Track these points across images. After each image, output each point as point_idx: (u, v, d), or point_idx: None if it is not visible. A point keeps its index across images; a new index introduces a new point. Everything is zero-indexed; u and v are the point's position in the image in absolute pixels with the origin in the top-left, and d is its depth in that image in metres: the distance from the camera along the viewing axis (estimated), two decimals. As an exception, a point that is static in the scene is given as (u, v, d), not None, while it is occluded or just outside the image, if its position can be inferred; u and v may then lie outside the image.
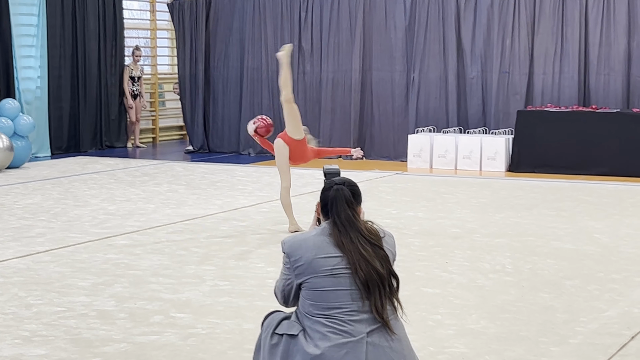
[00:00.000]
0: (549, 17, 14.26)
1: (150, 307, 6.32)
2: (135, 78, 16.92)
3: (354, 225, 3.98)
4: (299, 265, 3.97)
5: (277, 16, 15.84)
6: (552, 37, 14.28)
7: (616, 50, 13.92)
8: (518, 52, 14.44)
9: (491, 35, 14.57)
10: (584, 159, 13.33)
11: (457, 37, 14.77)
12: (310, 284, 3.94)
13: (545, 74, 14.34)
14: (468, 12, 14.69)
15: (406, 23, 15.01)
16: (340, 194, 4.04)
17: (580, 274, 7.30)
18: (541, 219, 9.74)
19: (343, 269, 3.92)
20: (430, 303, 6.44)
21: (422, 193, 11.54)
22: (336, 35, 15.44)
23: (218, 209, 10.27)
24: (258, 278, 7.11)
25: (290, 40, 15.75)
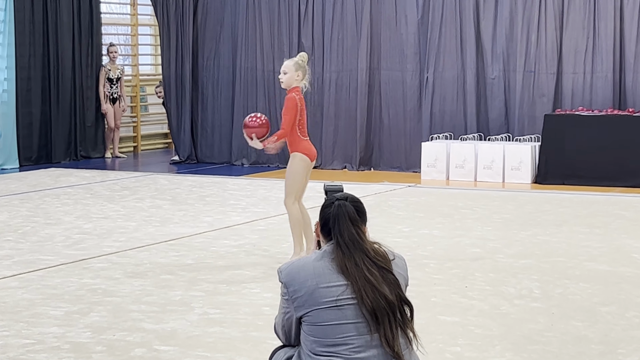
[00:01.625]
0: (580, 9, 14.28)
1: (131, 338, 6.27)
2: (114, 79, 16.91)
3: (359, 246, 3.96)
4: (298, 296, 3.93)
5: (273, 9, 15.86)
6: (583, 32, 14.30)
7: (656, 46, 13.96)
8: (545, 49, 14.46)
9: (514, 31, 14.60)
10: (620, 169, 13.34)
11: (476, 32, 14.80)
12: (312, 317, 3.90)
13: (575, 73, 14.35)
14: (488, 5, 14.71)
15: (419, 17, 15.04)
16: (342, 211, 4.01)
17: (617, 299, 7.27)
18: (572, 236, 9.72)
19: (348, 299, 3.88)
20: (448, 333, 6.40)
21: (438, 208, 11.52)
22: (340, 31, 15.45)
23: (208, 227, 10.24)
24: (253, 306, 7.07)
25: (289, 36, 15.77)
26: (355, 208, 4.05)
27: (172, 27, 16.44)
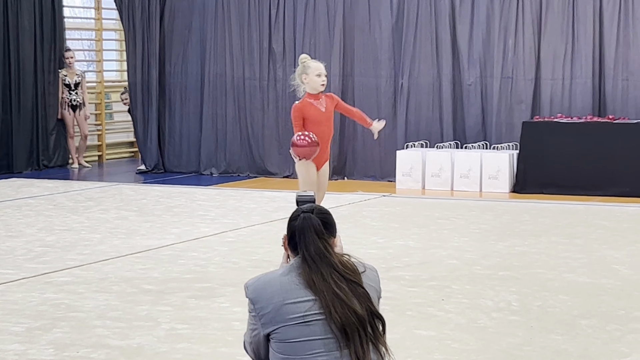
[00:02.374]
0: (558, 13, 14.37)
1: (96, 355, 6.25)
2: (72, 85, 16.81)
3: (326, 259, 3.95)
4: (265, 313, 3.93)
5: (243, 14, 15.86)
6: (561, 37, 14.38)
7: (636, 52, 14.05)
8: (522, 55, 14.53)
9: (491, 36, 14.66)
10: (601, 178, 13.41)
11: (452, 37, 14.85)
12: (280, 334, 3.90)
13: (554, 79, 14.43)
14: (465, 9, 14.77)
15: (393, 21, 15.08)
16: (308, 224, 4.01)
17: (597, 312, 7.30)
18: (551, 247, 9.76)
19: (316, 314, 3.88)
20: (424, 347, 6.41)
21: (414, 218, 11.54)
22: (312, 36, 15.47)
23: (175, 239, 10.21)
24: (223, 320, 7.06)
25: (259, 41, 15.77)
26: (322, 220, 4.05)
27: (138, 32, 16.40)
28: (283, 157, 15.73)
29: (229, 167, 16.01)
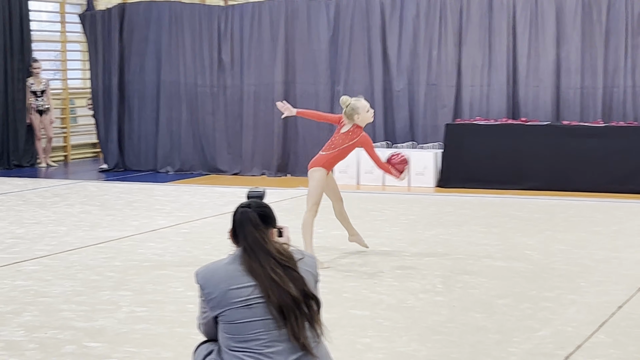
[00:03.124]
0: (476, 27, 14.46)
1: (62, 336, 6.21)
2: (38, 92, 16.63)
3: (262, 248, 3.96)
4: (212, 297, 3.95)
5: (195, 27, 15.78)
6: (479, 48, 14.47)
7: (545, 61, 14.16)
8: (445, 64, 14.60)
9: (417, 47, 14.72)
10: (515, 174, 13.51)
11: (383, 48, 14.89)
12: (226, 316, 3.92)
13: (473, 86, 14.52)
14: (393, 23, 14.82)
15: (330, 34, 15.09)
16: (245, 217, 4.03)
17: (512, 293, 7.37)
18: (472, 235, 9.84)
19: (257, 298, 3.90)
20: (358, 326, 6.44)
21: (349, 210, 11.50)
22: (257, 47, 15.44)
23: (135, 231, 10.15)
24: (178, 303, 7.04)
25: (210, 52, 15.71)
26: (260, 213, 4.05)
27: (100, 43, 16.26)
28: (232, 156, 15.70)
29: (183, 165, 15.93)
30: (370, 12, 14.88)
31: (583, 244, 9.34)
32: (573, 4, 14.04)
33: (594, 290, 7.45)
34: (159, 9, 16.03)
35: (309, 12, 15.19)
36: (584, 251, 8.97)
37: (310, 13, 15.19)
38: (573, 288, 7.51)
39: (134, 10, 16.21)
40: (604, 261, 8.52)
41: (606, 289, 7.47)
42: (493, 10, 14.38)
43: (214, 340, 4.06)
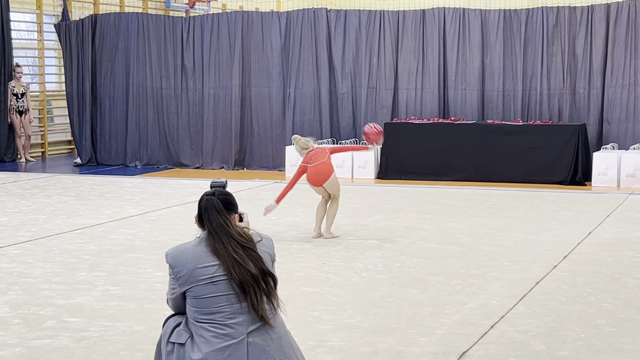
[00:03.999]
0: (411, 37, 14.55)
1: (44, 312, 6.17)
2: (19, 95, 16.43)
3: (225, 231, 3.96)
4: (181, 275, 3.94)
5: (160, 36, 15.69)
6: (414, 56, 14.57)
7: (471, 67, 14.30)
8: (384, 70, 14.67)
9: (359, 55, 14.78)
10: (445, 166, 13.63)
11: (329, 56, 14.93)
12: (193, 292, 3.92)
13: (408, 89, 14.61)
14: (338, 33, 14.86)
15: (282, 43, 15.08)
16: (210, 204, 4.02)
17: (443, 271, 7.45)
18: (408, 221, 9.90)
19: (221, 276, 3.90)
20: (309, 301, 6.48)
21: (300, 200, 11.58)
22: (217, 54, 15.39)
23: (107, 219, 10.09)
24: (147, 282, 7.03)
25: (174, 58, 15.63)
26: (223, 201, 4.04)
27: (74, 50, 16.08)
28: (194, 151, 15.63)
29: (150, 160, 15.83)
30: (318, 24, 14.90)
31: (505, 228, 9.44)
32: (496, 17, 14.18)
33: (514, 268, 7.54)
34: (127, 19, 15.90)
35: (262, 23, 15.17)
36: (505, 234, 9.07)
37: (264, 24, 15.16)
38: (496, 266, 7.60)
39: (105, 20, 16.05)
40: (523, 243, 8.63)
41: (525, 267, 7.57)
42: (426, 22, 14.48)
43: (181, 313, 4.06)
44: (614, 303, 6.40)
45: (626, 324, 5.88)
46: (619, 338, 5.58)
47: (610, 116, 13.73)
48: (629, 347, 5.42)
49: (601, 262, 7.72)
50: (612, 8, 13.72)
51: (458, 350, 5.33)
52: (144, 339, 5.53)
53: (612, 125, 13.71)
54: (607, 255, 8.00)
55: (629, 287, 6.86)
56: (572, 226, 9.48)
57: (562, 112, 13.97)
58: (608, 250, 8.24)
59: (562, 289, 6.80)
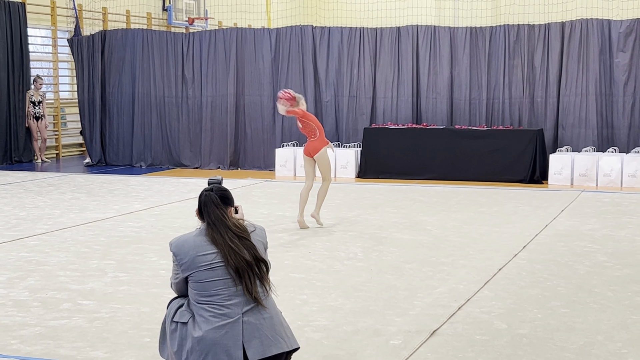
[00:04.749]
0: (388, 51, 14.60)
1: (60, 296, 6.19)
2: (36, 102, 16.41)
3: (223, 222, 3.99)
4: (183, 262, 3.97)
5: (163, 49, 15.68)
6: (390, 68, 14.61)
7: (441, 78, 14.36)
8: (363, 80, 14.71)
9: (341, 66, 14.81)
10: (418, 167, 13.67)
11: (314, 67, 14.95)
12: (194, 277, 3.95)
13: (385, 97, 14.66)
14: (322, 47, 14.90)
15: (272, 56, 15.11)
16: (209, 198, 4.04)
17: (416, 259, 7.48)
18: (385, 215, 9.94)
19: (219, 262, 3.93)
20: (297, 286, 6.51)
21: (288, 196, 11.62)
22: (214, 66, 15.39)
23: (115, 213, 10.10)
24: (152, 269, 7.05)
25: (175, 69, 15.63)
26: (221, 195, 4.07)
27: (85, 62, 16.06)
28: (193, 153, 15.64)
29: (153, 161, 15.83)
30: (304, 39, 14.93)
31: (471, 221, 9.50)
32: (463, 34, 14.25)
33: (479, 256, 7.58)
34: (133, 35, 15.89)
35: (255, 38, 15.19)
36: (471, 227, 9.12)
37: (256, 39, 15.18)
38: (463, 255, 7.65)
39: (113, 36, 16.04)
40: (487, 234, 8.68)
41: (489, 255, 7.62)
42: (400, 38, 14.53)
43: (184, 296, 4.10)
44: (567, 287, 6.47)
45: (578, 306, 5.95)
46: (572, 318, 5.65)
47: (565, 122, 13.82)
48: (580, 326, 5.48)
49: (556, 251, 7.79)
50: (566, 26, 13.81)
51: (429, 329, 5.37)
52: (150, 320, 5.56)
53: (566, 130, 13.80)
54: (562, 245, 8.07)
55: (580, 273, 6.93)
56: (530, 220, 9.55)
57: (522, 118, 14.05)
58: (562, 240, 8.31)
59: (521, 275, 6.86)
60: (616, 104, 13.60)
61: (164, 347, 4.06)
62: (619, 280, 6.66)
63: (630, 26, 13.51)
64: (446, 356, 4.87)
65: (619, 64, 13.55)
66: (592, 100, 13.63)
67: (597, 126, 13.63)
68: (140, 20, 19.67)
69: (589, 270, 7.02)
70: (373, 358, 4.82)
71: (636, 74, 13.49)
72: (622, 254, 7.66)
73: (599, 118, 13.65)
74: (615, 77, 13.58)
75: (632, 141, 13.57)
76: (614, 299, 6.10)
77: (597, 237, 8.47)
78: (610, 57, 13.58)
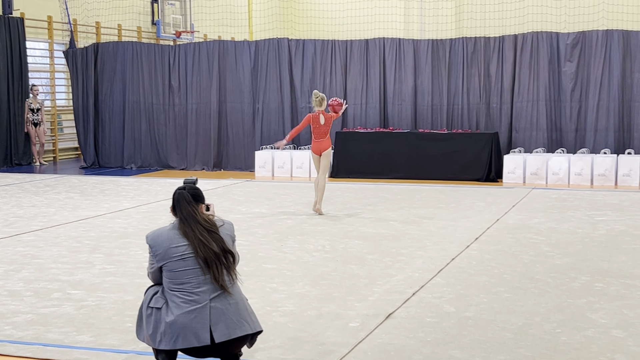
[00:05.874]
0: (357, 61, 14.71)
1: (51, 286, 6.24)
2: (35, 110, 16.40)
3: (193, 218, 4.06)
4: (158, 253, 4.04)
5: (151, 60, 15.71)
6: (359, 77, 14.72)
7: (406, 86, 14.47)
8: (335, 88, 14.79)
9: (315, 75, 14.90)
10: (384, 167, 13.76)
11: (290, 76, 15.03)
12: (168, 267, 4.02)
13: (355, 104, 14.76)
14: (297, 58, 14.98)
15: (251, 66, 15.17)
16: (181, 196, 4.12)
17: (379, 250, 7.57)
18: (352, 211, 10.01)
19: (190, 254, 4.01)
20: (268, 275, 6.58)
21: (266, 195, 11.69)
22: (198, 75, 15.44)
23: (106, 211, 10.13)
24: (137, 262, 7.10)
25: (162, 79, 15.66)
26: (192, 194, 4.14)
27: (80, 73, 16.06)
28: (180, 156, 15.67)
29: (143, 163, 15.85)
30: (281, 50, 15.01)
31: (430, 216, 9.60)
32: (425, 45, 14.39)
33: (435, 247, 7.69)
34: (124, 47, 15.90)
35: (236, 50, 15.25)
36: (430, 221, 9.22)
37: (237, 50, 15.24)
38: (421, 246, 7.74)
39: (105, 48, 16.04)
40: (444, 228, 8.79)
41: (444, 247, 7.72)
42: (369, 49, 14.65)
43: (159, 284, 4.18)
44: (511, 274, 6.60)
45: (520, 291, 6.08)
46: (514, 302, 5.78)
47: (518, 126, 13.99)
48: (520, 309, 5.61)
49: (504, 243, 7.92)
50: (518, 38, 13.98)
51: (385, 313, 5.48)
52: (133, 307, 5.62)
53: (519, 133, 13.97)
54: (510, 237, 8.19)
55: (524, 262, 7.06)
56: (484, 214, 9.67)
57: (479, 123, 14.21)
58: (511, 233, 8.44)
59: (471, 264, 6.97)
60: (564, 109, 13.79)
61: (141, 330, 4.14)
62: (559, 268, 6.81)
63: (576, 38, 13.71)
64: (398, 337, 4.98)
65: (566, 72, 13.74)
66: (542, 105, 13.81)
67: (546, 129, 13.82)
68: (131, 33, 19.66)
69: (532, 259, 7.15)
70: (333, 339, 4.92)
71: (582, 81, 13.69)
72: (564, 245, 7.81)
73: (548, 122, 13.84)
74: (563, 84, 13.77)
75: (578, 143, 13.76)
76: (552, 285, 6.24)
77: (542, 230, 8.61)
78: (559, 66, 13.77)
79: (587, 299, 5.83)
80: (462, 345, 4.81)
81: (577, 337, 4.96)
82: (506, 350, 4.71)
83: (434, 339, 4.92)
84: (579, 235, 8.33)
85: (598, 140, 13.62)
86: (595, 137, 13.63)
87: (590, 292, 6.01)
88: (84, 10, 17.80)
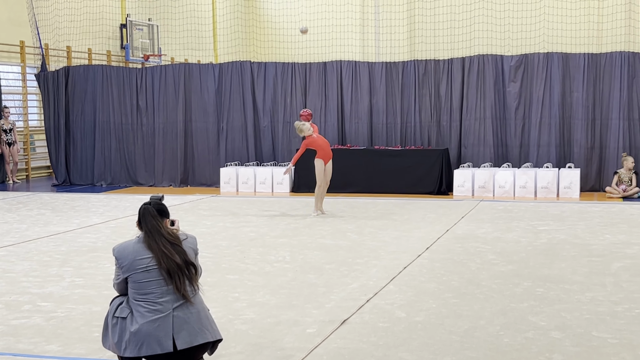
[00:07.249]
0: (316, 82, 14.80)
1: (22, 299, 6.18)
2: (7, 130, 16.19)
3: (158, 231, 4.09)
4: (124, 265, 4.05)
5: (120, 82, 15.63)
6: (318, 97, 14.80)
7: (362, 106, 14.59)
8: (296, 108, 14.85)
9: (277, 95, 14.95)
10: (342, 182, 13.79)
11: (253, 97, 15.06)
12: (133, 278, 4.03)
13: (315, 122, 14.80)
14: (259, 79, 15.03)
15: (216, 87, 15.17)
16: (147, 211, 4.15)
17: (336, 260, 7.61)
18: (312, 224, 10.06)
19: (153, 265, 4.03)
20: (231, 285, 6.58)
21: (230, 209, 11.69)
22: (165, 96, 15.39)
23: (76, 226, 10.04)
24: (105, 275, 7.05)
25: (131, 100, 15.58)
26: (157, 209, 4.17)
27: (51, 94, 15.90)
28: (148, 173, 15.57)
29: (113, 180, 15.72)
30: (244, 72, 15.04)
31: (384, 227, 9.67)
32: (380, 68, 14.53)
33: (389, 257, 7.76)
34: (94, 70, 15.80)
35: (200, 72, 15.24)
36: (385, 232, 9.29)
37: (201, 72, 15.24)
38: (376, 256, 7.81)
39: (76, 71, 15.92)
40: (397, 238, 8.86)
41: (397, 256, 7.79)
42: (327, 71, 14.75)
43: (124, 294, 4.18)
44: (459, 281, 6.69)
45: (467, 296, 6.17)
46: (460, 307, 5.86)
47: (467, 142, 14.18)
48: (466, 313, 5.70)
49: (453, 252, 8.02)
50: (466, 60, 14.21)
51: (340, 319, 5.52)
52: (101, 318, 5.56)
53: (467, 149, 14.17)
54: (459, 246, 8.31)
55: (472, 270, 7.16)
56: (435, 225, 9.78)
57: (431, 139, 14.37)
58: (460, 242, 8.56)
59: (422, 272, 7.05)
60: (509, 126, 14.03)
61: (107, 339, 4.13)
62: (503, 275, 6.92)
63: (519, 60, 13.98)
64: (353, 341, 5.03)
65: (510, 92, 13.99)
66: (489, 123, 14.03)
67: (493, 145, 14.03)
68: (101, 57, 19.54)
69: (479, 267, 7.26)
70: (291, 344, 4.95)
71: (525, 100, 13.95)
72: (508, 253, 7.94)
73: (495, 138, 14.05)
74: (507, 103, 14.01)
75: (522, 157, 14.00)
76: (497, 290, 6.35)
77: (488, 239, 8.74)
78: (503, 86, 14.02)
79: (528, 303, 5.94)
80: (411, 348, 4.87)
81: (518, 338, 5.06)
82: (452, 352, 4.78)
83: (385, 343, 4.98)
84: (523, 244, 8.48)
85: (541, 155, 13.87)
86: (539, 152, 13.87)
87: (531, 297, 6.12)
88: (55, 35, 17.66)
